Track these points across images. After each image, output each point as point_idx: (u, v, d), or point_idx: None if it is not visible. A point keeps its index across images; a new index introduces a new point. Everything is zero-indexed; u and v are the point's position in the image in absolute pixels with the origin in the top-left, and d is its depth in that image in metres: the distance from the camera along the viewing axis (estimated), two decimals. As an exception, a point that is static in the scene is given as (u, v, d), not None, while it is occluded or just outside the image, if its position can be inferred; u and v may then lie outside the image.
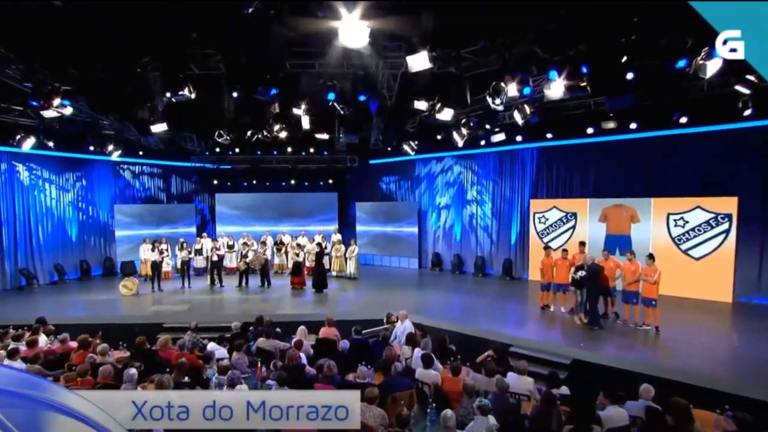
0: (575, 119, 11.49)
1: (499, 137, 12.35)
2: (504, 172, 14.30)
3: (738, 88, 8.04)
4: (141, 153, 14.93)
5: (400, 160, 16.62)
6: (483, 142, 13.43)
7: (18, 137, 11.07)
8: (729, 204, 10.14)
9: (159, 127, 11.13)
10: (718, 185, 10.29)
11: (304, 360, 6.43)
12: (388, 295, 11.63)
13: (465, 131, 11.63)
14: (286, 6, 6.41)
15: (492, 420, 4.42)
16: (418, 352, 6.46)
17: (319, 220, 16.95)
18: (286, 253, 14.58)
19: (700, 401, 4.98)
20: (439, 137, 13.10)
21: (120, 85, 9.07)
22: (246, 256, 12.82)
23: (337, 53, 7.59)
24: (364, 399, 4.60)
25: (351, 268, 13.81)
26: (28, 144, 11.22)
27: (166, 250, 13.19)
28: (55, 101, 9.08)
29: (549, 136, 12.58)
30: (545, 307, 9.96)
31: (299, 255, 12.83)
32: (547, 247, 10.21)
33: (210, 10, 7.17)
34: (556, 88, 8.26)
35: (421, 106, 9.95)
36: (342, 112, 10.09)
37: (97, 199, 14.90)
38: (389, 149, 15.34)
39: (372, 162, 17.65)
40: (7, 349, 6.38)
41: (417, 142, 13.92)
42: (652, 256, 8.23)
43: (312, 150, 16.41)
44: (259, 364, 6.57)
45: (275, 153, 16.50)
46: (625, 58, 7.17)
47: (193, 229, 16.27)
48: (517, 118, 9.95)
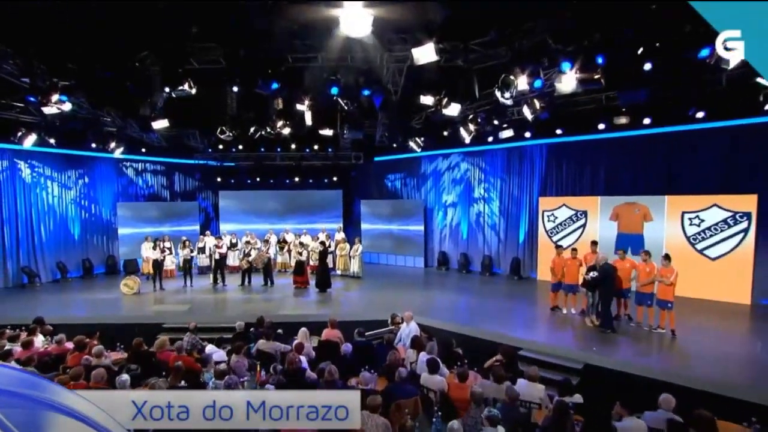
0: (586, 114, 11.12)
1: (507, 133, 12.07)
2: (512, 169, 13.97)
3: (759, 80, 7.66)
4: (144, 150, 14.79)
5: (405, 157, 16.35)
6: (491, 139, 13.14)
7: (19, 134, 10.97)
8: (748, 202, 9.73)
9: (160, 124, 10.98)
10: (736, 182, 9.90)
11: (304, 364, 6.20)
12: (393, 295, 11.38)
13: (472, 127, 11.34)
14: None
15: (501, 431, 4.16)
16: (423, 356, 6.21)
17: (324, 218, 16.74)
18: (289, 251, 14.37)
19: (724, 412, 4.67)
20: (445, 133, 12.81)
21: (119, 80, 8.89)
22: (249, 254, 12.61)
23: (339, 44, 7.32)
24: (366, 407, 4.38)
25: (355, 266, 13.58)
26: (30, 141, 11.12)
27: (169, 248, 13.04)
28: (54, 97, 8.96)
29: (558, 132, 12.24)
30: (555, 309, 9.65)
31: (302, 254, 12.60)
32: (558, 246, 9.89)
33: (209, 1, 6.95)
34: (567, 82, 7.94)
35: (427, 101, 9.65)
36: (346, 108, 9.82)
37: (99, 197, 14.78)
38: (395, 146, 15.08)
39: (377, 159, 17.38)
40: (1, 351, 6.22)
41: (423, 139, 13.63)
42: (668, 257, 7.88)
43: (316, 147, 16.18)
44: (258, 368, 6.36)
45: (279, 150, 16.29)
46: (642, 49, 6.81)
47: (197, 227, 16.13)
48: (526, 113, 9.63)
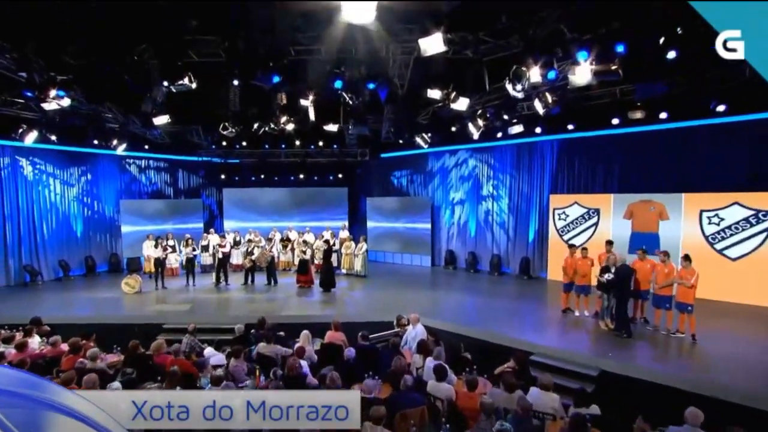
0: (599, 109, 10.75)
1: (517, 129, 11.68)
2: (522, 165, 13.58)
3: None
4: (147, 147, 14.62)
5: (412, 154, 16.02)
6: (500, 135, 12.75)
7: (20, 131, 10.80)
8: (772, 200, 9.30)
9: (161, 119, 10.77)
10: (759, 179, 9.42)
11: (305, 369, 5.93)
12: (399, 296, 11.09)
13: (481, 122, 10.97)
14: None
15: (514, 446, 3.86)
16: (430, 362, 5.91)
17: (329, 215, 16.45)
18: (293, 250, 14.11)
19: (756, 428, 4.32)
20: (453, 129, 12.45)
21: (117, 75, 8.65)
22: (252, 253, 12.38)
23: (343, 35, 7.00)
24: (369, 419, 4.11)
25: (358, 265, 13.31)
26: (31, 138, 10.95)
27: (172, 246, 12.84)
28: (52, 92, 8.74)
29: (570, 127, 11.85)
30: (567, 311, 9.29)
31: (306, 252, 12.34)
32: (572, 245, 9.51)
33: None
34: (582, 73, 7.55)
35: (434, 94, 9.31)
36: (350, 102, 9.51)
37: (102, 194, 14.62)
38: (401, 142, 14.74)
39: (383, 156, 17.05)
40: (-6, 353, 6.03)
41: (430, 135, 13.27)
42: (688, 258, 7.48)
43: (321, 143, 15.89)
44: (257, 373, 6.11)
45: (283, 147, 16.02)
46: (663, 39, 6.41)
47: (201, 225, 15.95)
48: (537, 107, 9.26)
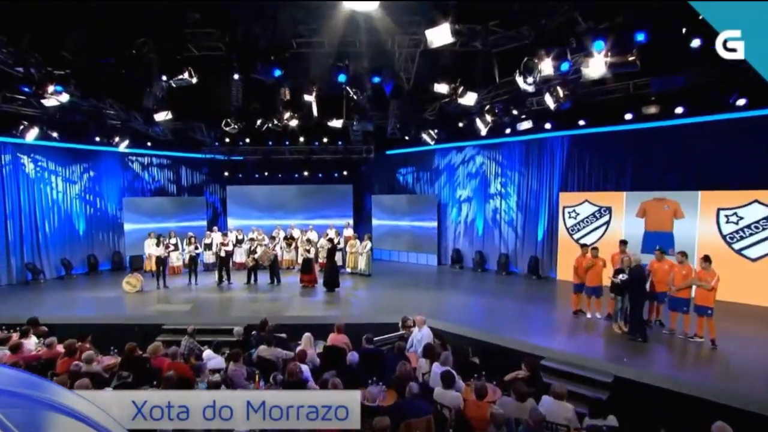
0: (611, 104, 10.38)
1: (526, 125, 11.39)
2: (531, 162, 13.24)
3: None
4: (149, 144, 14.44)
5: (418, 150, 15.71)
6: (508, 131, 12.45)
7: (21, 127, 10.67)
8: (794, 198, 8.92)
9: (162, 115, 10.60)
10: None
11: (306, 374, 5.71)
12: (405, 296, 10.84)
13: (489, 118, 10.66)
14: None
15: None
16: (437, 368, 5.65)
17: (334, 213, 16.19)
18: (297, 248, 13.89)
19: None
20: (460, 125, 12.15)
21: (115, 69, 8.45)
22: (254, 251, 12.17)
23: (346, 27, 6.73)
24: (373, 429, 3.87)
25: (362, 264, 13.06)
26: (32, 134, 10.83)
27: (174, 244, 12.67)
28: (50, 88, 8.57)
29: (581, 123, 11.50)
30: (578, 312, 8.98)
31: (310, 251, 12.11)
32: (583, 245, 9.19)
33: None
34: (596, 66, 7.23)
35: (441, 89, 9.03)
36: (355, 97, 9.24)
37: (105, 192, 14.47)
38: (407, 138, 14.45)
39: (389, 152, 16.77)
40: (-13, 355, 5.87)
41: (436, 131, 12.98)
42: (708, 259, 7.13)
43: (326, 140, 15.65)
44: (257, 378, 5.88)
45: (287, 143, 15.79)
46: (685, 29, 6.07)
47: (204, 223, 15.77)
48: (548, 101, 8.93)
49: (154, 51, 8.13)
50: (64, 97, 8.88)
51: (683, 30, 5.89)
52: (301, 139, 15.11)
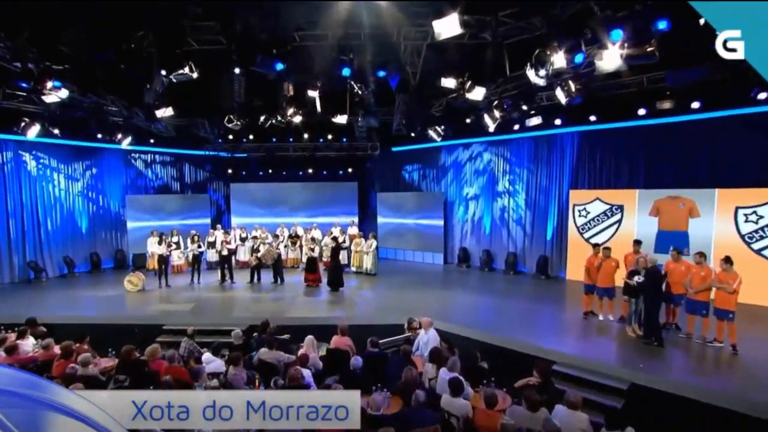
0: (624, 99, 10.07)
1: (536, 121, 11.09)
2: (540, 159, 12.91)
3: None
4: (152, 141, 14.27)
5: (424, 147, 15.40)
6: (517, 127, 12.14)
7: (22, 124, 10.54)
8: (816, 196, 8.56)
9: (164, 112, 10.42)
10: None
11: (308, 379, 5.49)
12: (410, 296, 10.62)
13: (497, 114, 10.36)
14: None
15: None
16: (444, 374, 5.41)
17: (338, 211, 15.96)
18: (301, 247, 13.69)
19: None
20: (468, 121, 11.85)
21: (114, 64, 8.26)
22: (257, 250, 11.98)
23: (350, 18, 6.47)
24: (377, 442, 3.65)
25: (368, 263, 12.84)
26: (33, 131, 10.69)
27: (176, 243, 12.51)
28: (48, 83, 8.40)
29: (592, 118, 11.15)
30: (589, 314, 8.69)
31: (314, 250, 11.89)
32: (595, 244, 8.89)
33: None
34: (610, 58, 6.91)
35: (449, 84, 8.75)
36: (359, 92, 8.99)
37: (107, 189, 14.36)
38: (413, 135, 14.16)
39: (394, 149, 16.50)
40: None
41: (443, 127, 12.69)
42: (729, 260, 6.81)
43: (330, 137, 15.39)
44: (257, 382, 5.69)
45: (291, 140, 15.57)
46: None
47: (208, 221, 15.64)
48: (559, 96, 8.62)
49: (154, 45, 7.92)
50: (64, 93, 8.73)
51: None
52: (305, 135, 14.89)
